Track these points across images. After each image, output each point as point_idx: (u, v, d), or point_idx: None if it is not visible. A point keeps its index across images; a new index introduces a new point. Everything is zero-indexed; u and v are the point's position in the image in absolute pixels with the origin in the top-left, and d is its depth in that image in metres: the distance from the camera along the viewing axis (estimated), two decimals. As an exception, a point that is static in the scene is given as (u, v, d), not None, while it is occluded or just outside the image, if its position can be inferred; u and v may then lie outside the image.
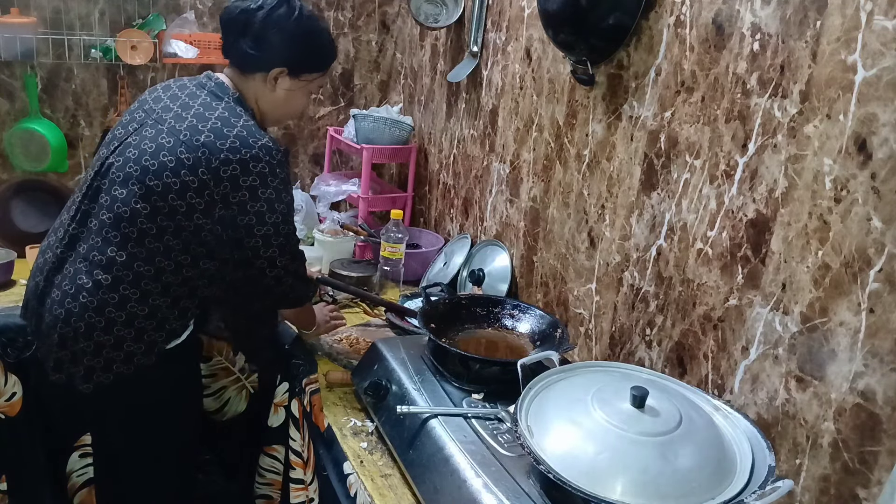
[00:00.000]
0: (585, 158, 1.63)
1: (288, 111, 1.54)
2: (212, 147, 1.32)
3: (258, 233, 1.39)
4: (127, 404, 1.41)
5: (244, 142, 1.33)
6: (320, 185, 2.47)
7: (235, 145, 1.33)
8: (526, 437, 1.05)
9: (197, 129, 1.33)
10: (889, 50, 0.98)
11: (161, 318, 1.37)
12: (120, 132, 1.43)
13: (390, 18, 2.65)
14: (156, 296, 1.35)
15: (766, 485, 0.97)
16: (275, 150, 1.37)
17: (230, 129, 1.34)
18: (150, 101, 1.45)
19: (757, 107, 1.20)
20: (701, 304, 1.33)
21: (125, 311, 1.33)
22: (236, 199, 1.34)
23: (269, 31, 1.40)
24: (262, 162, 1.34)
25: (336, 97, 2.66)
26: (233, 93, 1.43)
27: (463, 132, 2.20)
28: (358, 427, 1.43)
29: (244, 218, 1.37)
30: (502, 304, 1.60)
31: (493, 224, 2.06)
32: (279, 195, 1.38)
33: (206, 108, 1.37)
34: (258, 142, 1.35)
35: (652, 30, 1.41)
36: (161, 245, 1.34)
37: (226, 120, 1.35)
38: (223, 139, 1.33)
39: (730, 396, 1.27)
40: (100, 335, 1.33)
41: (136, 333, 1.35)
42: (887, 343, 1.00)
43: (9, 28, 2.07)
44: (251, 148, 1.33)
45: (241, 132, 1.34)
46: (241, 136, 1.34)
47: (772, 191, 1.18)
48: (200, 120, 1.35)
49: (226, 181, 1.32)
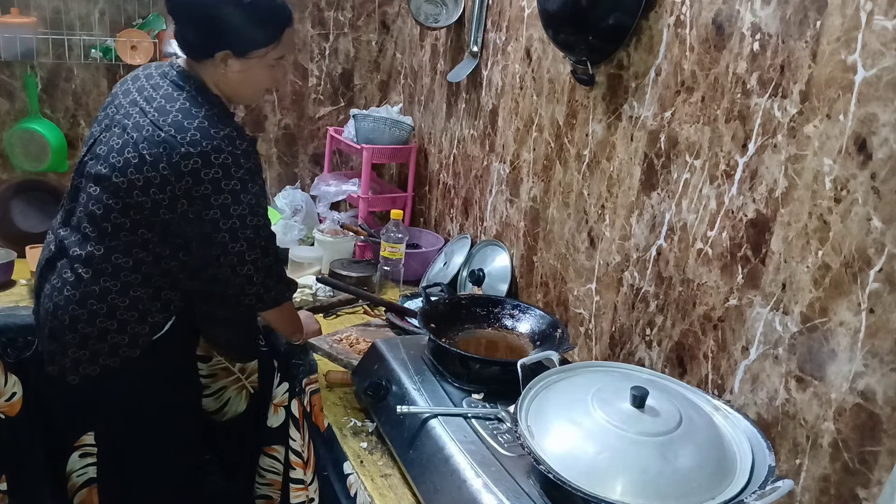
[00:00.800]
0: (585, 158, 1.63)
1: (253, 90, 1.47)
2: (172, 142, 1.29)
3: (224, 226, 1.34)
4: (120, 399, 1.42)
5: (205, 133, 1.30)
6: (320, 185, 2.47)
7: (196, 138, 1.29)
8: (526, 437, 1.05)
9: (158, 123, 1.31)
10: (889, 50, 0.98)
11: (143, 309, 1.37)
12: (95, 129, 1.43)
13: (390, 18, 2.65)
14: (136, 287, 1.36)
15: (766, 485, 0.97)
16: (238, 139, 1.33)
17: (191, 122, 1.31)
18: (119, 95, 1.43)
19: (757, 107, 1.20)
20: (701, 304, 1.33)
21: (106, 302, 1.35)
22: (199, 194, 1.31)
23: (203, 14, 1.35)
24: (223, 153, 1.30)
25: (336, 97, 2.66)
26: (194, 81, 1.39)
27: (463, 132, 2.20)
28: (358, 427, 1.43)
29: (209, 212, 1.33)
30: (502, 304, 1.60)
31: (493, 224, 2.06)
32: (245, 185, 1.34)
33: (167, 99, 1.35)
34: (220, 132, 1.31)
35: (652, 30, 1.41)
36: (137, 238, 1.34)
37: (186, 111, 1.32)
38: (183, 133, 1.30)
39: (730, 396, 1.27)
40: (84, 327, 1.35)
41: (118, 325, 1.36)
42: (887, 343, 1.00)
43: (9, 28, 2.07)
44: (212, 139, 1.30)
45: (203, 123, 1.31)
46: (202, 127, 1.31)
47: (772, 191, 1.18)
48: (162, 113, 1.33)
49: (187, 176, 1.29)
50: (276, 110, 2.58)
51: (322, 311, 1.91)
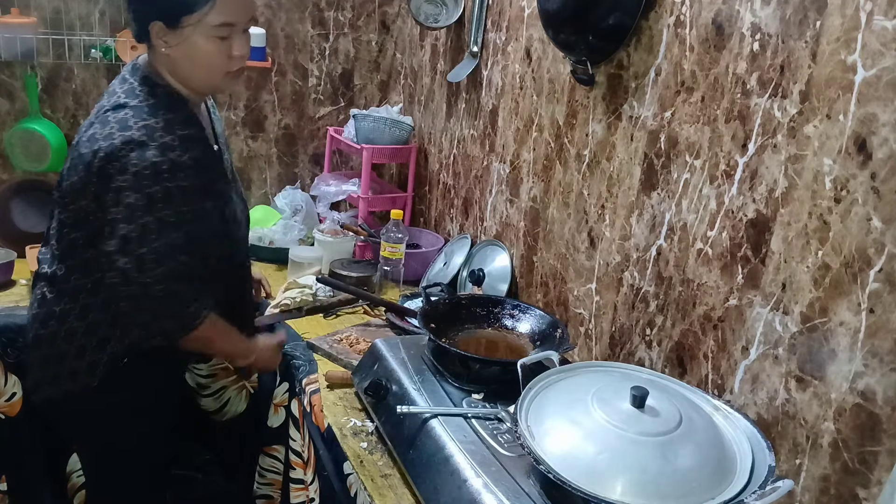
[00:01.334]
0: (585, 158, 1.63)
1: (204, 69, 1.29)
2: (93, 139, 1.20)
3: (105, 238, 1.20)
4: (84, 424, 1.38)
5: (123, 125, 1.19)
6: (320, 185, 2.47)
7: (111, 131, 1.19)
8: (526, 437, 1.05)
9: (91, 121, 1.25)
10: (889, 50, 0.98)
11: (102, 336, 1.30)
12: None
13: (390, 18, 2.65)
14: (95, 312, 1.29)
15: (766, 485, 0.97)
16: (164, 133, 1.20)
17: (116, 113, 1.21)
18: None
19: (757, 107, 1.20)
20: (701, 304, 1.33)
21: (65, 325, 1.29)
22: (106, 197, 1.20)
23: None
24: (133, 149, 1.17)
25: (336, 97, 2.66)
26: (139, 71, 1.29)
27: (463, 132, 2.20)
28: (358, 427, 1.43)
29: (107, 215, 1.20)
30: (502, 304, 1.60)
31: (493, 224, 2.06)
32: (137, 182, 1.18)
33: (108, 95, 1.28)
34: (140, 122, 1.20)
35: (652, 30, 1.41)
36: (90, 256, 1.27)
37: (116, 105, 1.23)
38: (104, 126, 1.20)
39: (730, 396, 1.27)
40: (45, 348, 1.31)
41: (76, 350, 1.29)
42: (887, 343, 1.00)
43: (9, 28, 2.07)
44: (127, 131, 1.18)
45: (126, 114, 1.20)
46: (123, 118, 1.20)
47: (772, 191, 1.18)
48: (97, 112, 1.26)
49: (95, 176, 1.20)
50: (276, 110, 2.58)
51: (322, 311, 1.91)
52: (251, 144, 2.57)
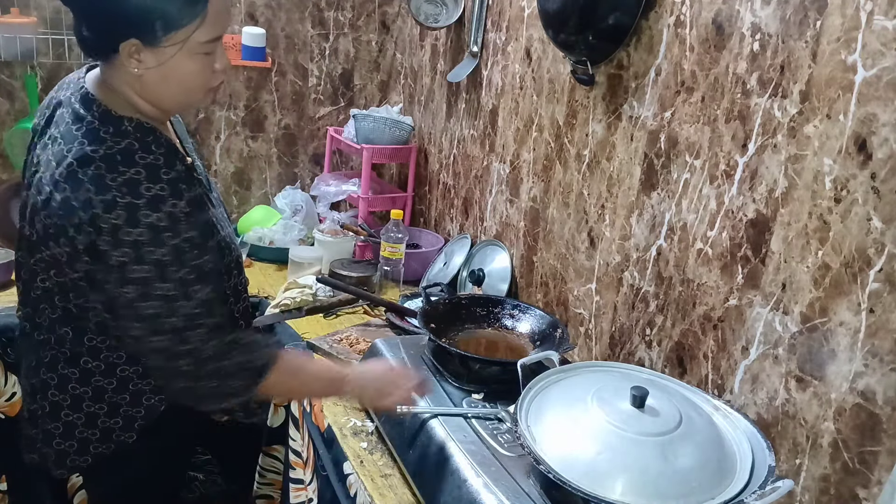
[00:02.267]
0: (585, 158, 1.63)
1: (185, 92, 1.12)
2: (66, 207, 1.04)
3: (120, 323, 1.08)
4: (112, 487, 1.28)
5: (99, 185, 1.03)
6: (320, 185, 2.47)
7: (87, 197, 1.03)
8: (526, 437, 1.05)
9: (55, 177, 1.06)
10: (889, 50, 0.98)
11: (134, 390, 1.20)
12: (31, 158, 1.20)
13: (390, 18, 2.65)
14: (123, 366, 1.18)
15: (766, 485, 0.97)
16: (146, 182, 1.05)
17: (86, 169, 1.04)
18: (37, 129, 1.20)
19: (757, 107, 1.20)
20: (701, 304, 1.33)
21: (90, 385, 1.18)
22: (98, 276, 1.06)
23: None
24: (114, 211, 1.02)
25: (336, 97, 2.66)
26: (97, 105, 1.09)
27: (463, 132, 2.20)
28: (358, 427, 1.43)
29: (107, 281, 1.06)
30: (502, 304, 1.60)
31: (493, 224, 2.06)
32: (139, 252, 1.03)
33: (65, 140, 1.08)
34: (117, 178, 1.03)
35: (652, 30, 1.41)
36: (102, 321, 1.14)
37: (82, 157, 1.05)
38: (76, 190, 1.03)
39: (730, 396, 1.27)
40: (68, 414, 1.18)
41: (109, 408, 1.19)
42: (887, 343, 1.00)
43: (9, 28, 2.07)
44: (105, 192, 1.02)
45: (98, 170, 1.03)
46: (96, 175, 1.03)
47: (772, 191, 1.18)
48: (59, 162, 1.06)
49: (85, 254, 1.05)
50: (276, 110, 2.58)
51: (322, 311, 1.91)
52: (251, 144, 2.57)
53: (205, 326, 1.08)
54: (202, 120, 2.45)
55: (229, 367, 1.10)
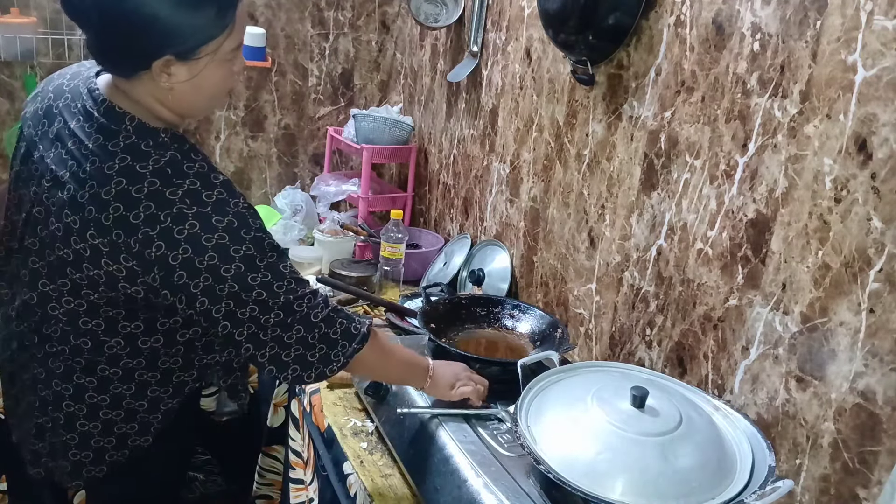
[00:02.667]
0: (585, 158, 1.63)
1: (210, 98, 1.15)
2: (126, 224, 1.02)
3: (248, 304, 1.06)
4: (125, 494, 1.27)
5: None
6: (320, 185, 2.47)
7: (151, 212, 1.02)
8: (526, 437, 1.05)
9: (102, 199, 1.03)
10: (889, 50, 0.98)
11: (153, 396, 1.19)
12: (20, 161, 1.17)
13: (390, 18, 2.65)
14: (141, 371, 1.17)
15: (766, 485, 0.97)
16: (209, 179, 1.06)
17: (140, 188, 1.02)
18: (37, 141, 1.14)
19: (757, 107, 1.20)
20: (701, 304, 1.33)
21: (109, 393, 1.16)
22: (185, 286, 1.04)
23: (122, 11, 0.99)
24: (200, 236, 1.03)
25: (336, 97, 2.66)
26: (132, 117, 1.07)
27: (463, 132, 2.20)
28: (358, 427, 1.43)
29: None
30: (502, 304, 1.60)
31: (493, 224, 2.06)
32: (224, 253, 1.03)
33: (102, 157, 1.04)
34: (177, 191, 1.03)
35: (652, 30, 1.41)
36: (118, 323, 1.12)
37: (133, 175, 1.03)
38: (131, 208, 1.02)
39: (730, 396, 1.27)
40: (84, 424, 1.16)
41: (126, 414, 1.18)
42: (887, 343, 1.00)
43: (9, 28, 2.07)
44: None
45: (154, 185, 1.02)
46: (154, 192, 1.02)
47: (772, 191, 1.18)
48: (102, 182, 1.03)
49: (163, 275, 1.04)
50: (276, 110, 2.58)
51: (322, 311, 1.91)
52: (251, 144, 2.57)
53: (307, 295, 1.12)
54: (202, 120, 2.45)
55: (337, 332, 1.13)
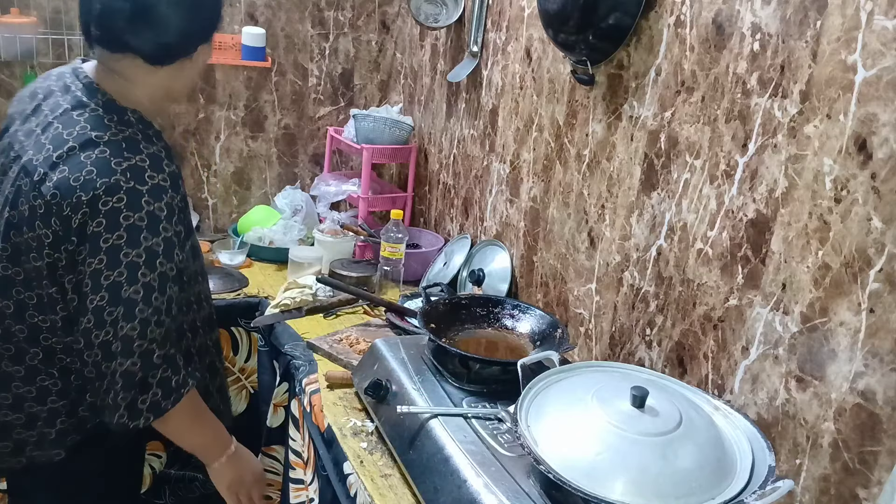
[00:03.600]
0: (585, 158, 1.63)
1: (184, 91, 1.25)
2: (64, 187, 1.04)
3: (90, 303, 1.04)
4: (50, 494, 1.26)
5: (103, 168, 1.04)
6: (320, 185, 2.47)
7: (91, 177, 1.03)
8: (526, 438, 1.05)
9: (52, 160, 1.06)
10: (889, 50, 0.98)
11: (73, 399, 1.17)
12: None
13: (390, 18, 2.65)
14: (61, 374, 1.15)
15: (766, 485, 0.97)
16: (151, 170, 1.06)
17: (90, 153, 1.05)
18: (16, 117, 1.19)
19: (757, 107, 1.20)
20: (701, 304, 1.33)
21: (35, 385, 1.15)
22: (81, 255, 1.05)
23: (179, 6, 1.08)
24: (119, 192, 1.03)
25: (336, 97, 2.66)
26: (103, 92, 1.12)
27: (463, 132, 2.20)
28: (358, 427, 1.43)
29: (81, 277, 1.05)
30: (502, 304, 1.60)
31: (493, 224, 2.06)
32: (134, 235, 1.03)
33: (65, 124, 1.08)
34: (124, 162, 1.05)
35: (652, 30, 1.41)
36: (57, 319, 1.12)
37: (85, 140, 1.06)
38: (78, 171, 1.04)
39: (730, 396, 1.27)
40: (6, 414, 1.16)
41: (48, 414, 1.17)
42: (887, 343, 1.00)
43: (9, 28, 2.07)
44: (110, 175, 1.04)
45: (103, 153, 1.05)
46: (101, 159, 1.05)
47: (772, 191, 1.18)
48: (57, 146, 1.06)
49: (74, 233, 1.05)
50: (276, 110, 2.58)
51: (322, 311, 1.91)
52: (251, 144, 2.57)
53: (163, 327, 1.09)
54: (202, 120, 2.45)
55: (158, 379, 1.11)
